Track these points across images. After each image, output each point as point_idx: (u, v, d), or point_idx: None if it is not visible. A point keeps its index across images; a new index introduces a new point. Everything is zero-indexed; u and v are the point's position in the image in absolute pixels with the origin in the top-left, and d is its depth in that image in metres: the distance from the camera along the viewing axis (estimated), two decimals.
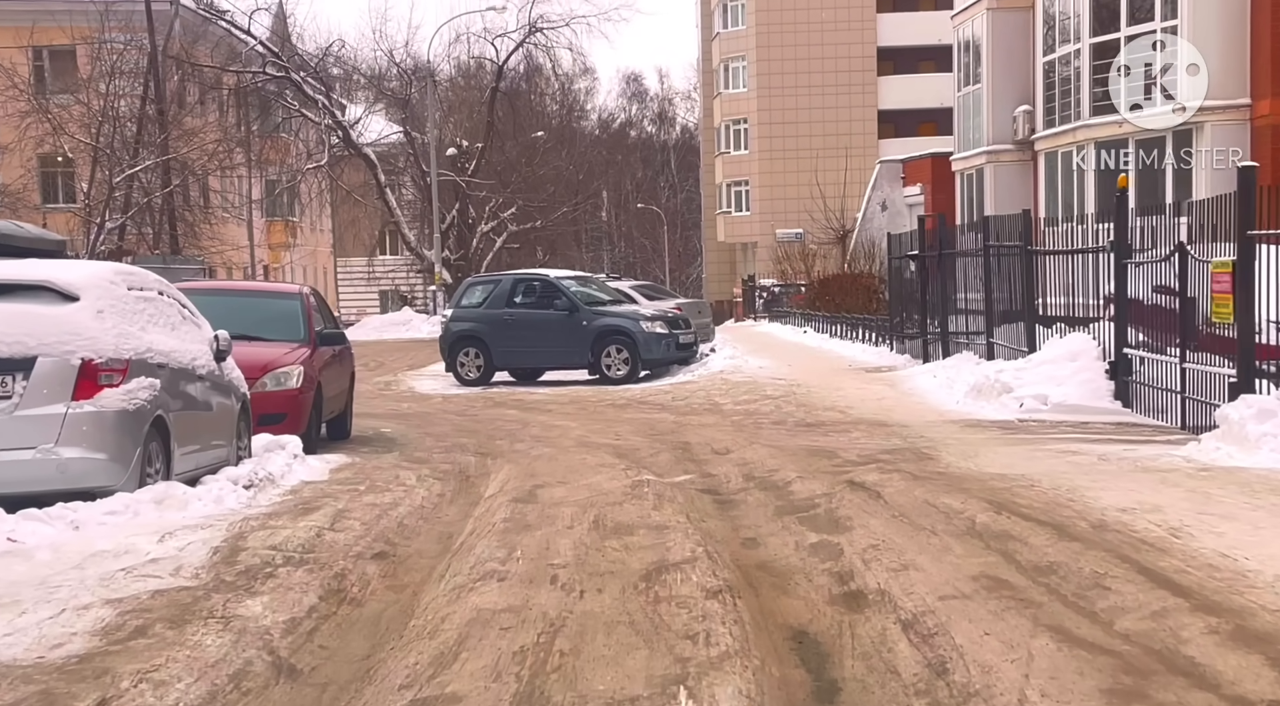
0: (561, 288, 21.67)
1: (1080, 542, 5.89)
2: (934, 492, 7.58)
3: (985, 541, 6.12)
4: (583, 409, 16.74)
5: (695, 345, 22.14)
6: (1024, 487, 7.57)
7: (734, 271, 70.84)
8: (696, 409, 15.68)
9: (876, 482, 8.27)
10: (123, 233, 39.61)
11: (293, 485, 8.93)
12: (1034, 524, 6.37)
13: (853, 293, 30.22)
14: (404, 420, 16.03)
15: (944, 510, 6.98)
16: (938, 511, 6.98)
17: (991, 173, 28.21)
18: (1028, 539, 6.03)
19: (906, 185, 42.76)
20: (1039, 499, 7.13)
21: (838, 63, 65.49)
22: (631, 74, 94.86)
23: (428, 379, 23.23)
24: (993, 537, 6.17)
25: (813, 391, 16.50)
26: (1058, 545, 5.84)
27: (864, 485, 8.28)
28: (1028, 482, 7.77)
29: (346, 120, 47.21)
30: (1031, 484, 7.69)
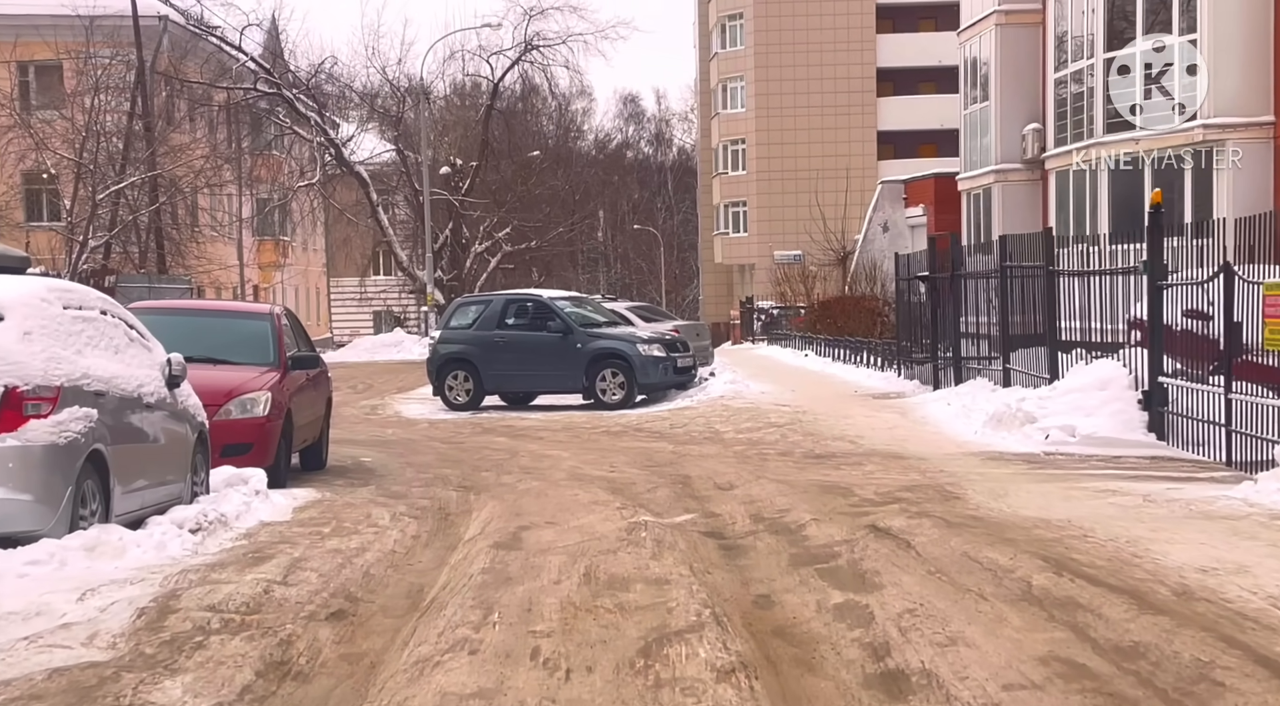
0: (555, 308, 20.79)
1: (1167, 616, 4.97)
2: (973, 543, 6.66)
3: (1048, 611, 5.19)
4: (576, 436, 15.83)
5: (694, 369, 21.25)
6: (1076, 538, 6.65)
7: (731, 293, 70.02)
8: (696, 438, 14.77)
9: (904, 529, 7.35)
10: (108, 252, 38.72)
11: (249, 527, 8.00)
12: (1103, 589, 5.45)
13: (856, 315, 29.35)
14: (386, 448, 15.12)
15: (989, 566, 6.06)
16: (981, 568, 6.06)
17: (1000, 192, 27.36)
18: (1100, 609, 5.11)
19: (909, 206, 41.93)
20: (1099, 553, 6.22)
21: (837, 83, 64.86)
22: (629, 95, 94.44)
23: (415, 403, 22.32)
24: (1056, 606, 5.25)
25: (819, 419, 15.59)
26: (1140, 619, 4.92)
27: (889, 531, 7.37)
28: (1079, 531, 6.86)
29: (339, 138, 46.40)
30: (1084, 533, 6.78)
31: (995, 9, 26.77)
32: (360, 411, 21.49)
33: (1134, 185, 21.64)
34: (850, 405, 17.31)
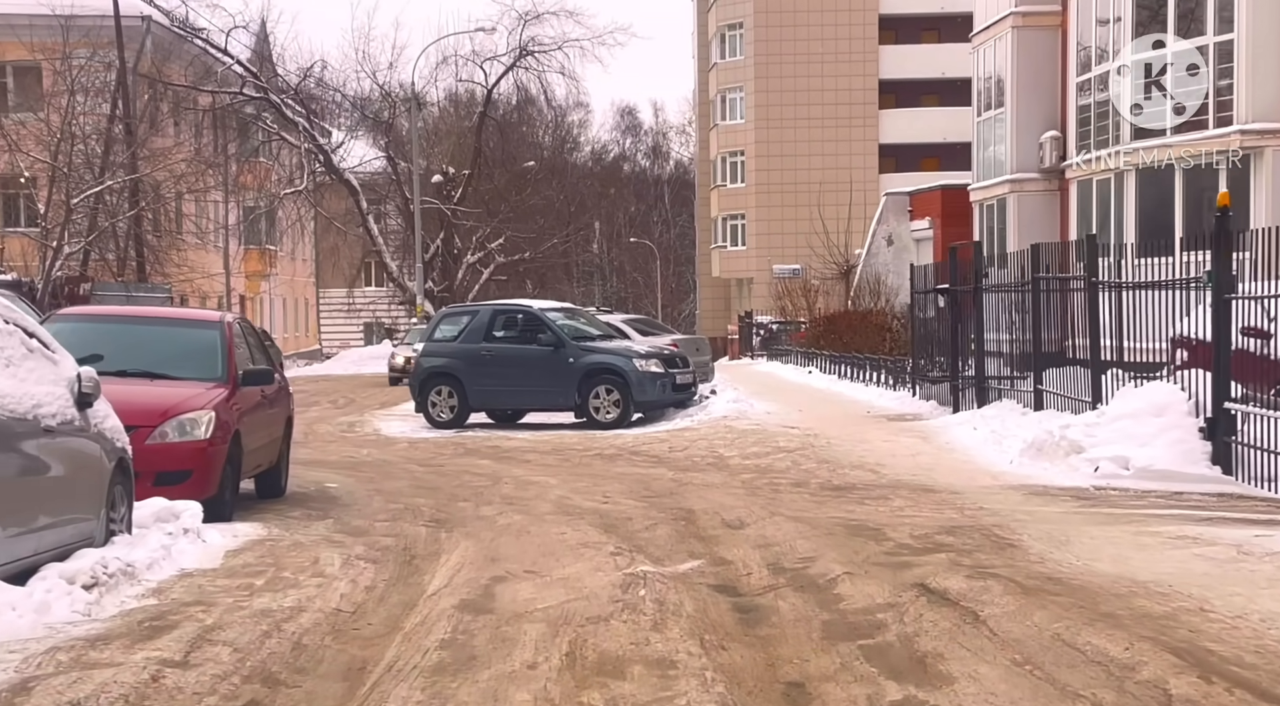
0: (545, 320, 19.44)
1: None
2: (1062, 618, 5.29)
3: None
4: (566, 460, 14.46)
5: (694, 386, 19.90)
6: (1194, 613, 5.29)
7: (729, 307, 68.72)
8: (698, 463, 13.40)
9: (964, 593, 5.98)
10: (86, 259, 37.38)
11: (162, 579, 6.62)
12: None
13: (863, 331, 28.01)
14: (357, 471, 13.74)
15: (1097, 657, 4.69)
16: (1087, 660, 4.69)
17: (1015, 203, 26.06)
18: None
19: (914, 219, 40.65)
20: (1237, 640, 4.85)
21: (838, 95, 63.69)
22: (626, 107, 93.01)
23: (397, 420, 20.95)
24: None
25: (833, 444, 14.22)
26: None
27: (946, 595, 6.01)
28: (1190, 602, 5.50)
29: (328, 144, 44.99)
30: (1199, 605, 5.42)
31: (1012, 10, 25.50)
32: (337, 428, 20.14)
33: (1163, 194, 20.35)
34: (864, 428, 15.94)
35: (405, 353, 31.05)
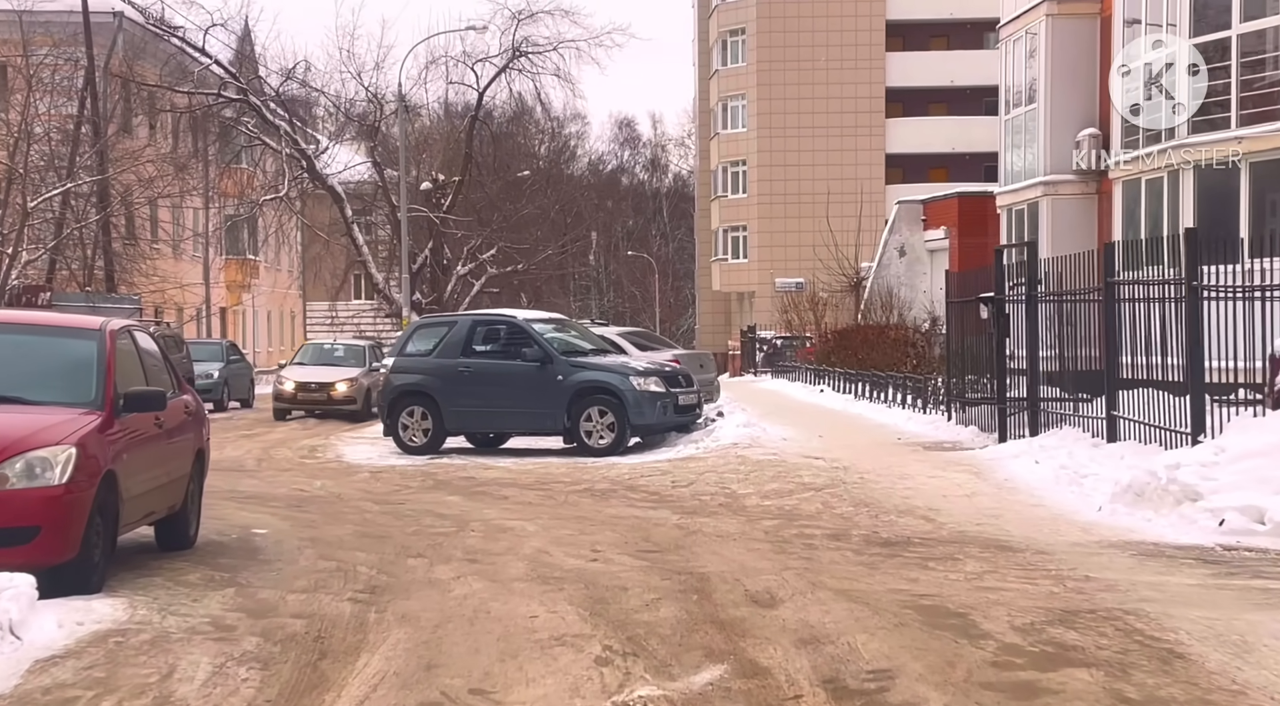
0: (532, 333, 17.16)
1: None
2: None
3: None
4: (549, 496, 12.17)
5: (699, 407, 17.62)
6: None
7: (729, 322, 66.54)
8: (708, 504, 11.10)
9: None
10: (52, 268, 35.09)
11: None
12: None
13: (880, 346, 25.74)
14: (300, 511, 11.46)
15: None
16: None
17: (1048, 208, 23.83)
18: None
19: (928, 228, 38.45)
20: None
21: (843, 103, 61.58)
22: (624, 119, 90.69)
23: (365, 444, 18.66)
24: None
25: (868, 479, 11.93)
26: None
27: None
28: None
29: (312, 150, 42.64)
30: None
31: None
32: (297, 454, 17.85)
33: (1228, 194, 18.10)
34: (901, 459, 13.64)
35: (299, 376, 24.89)
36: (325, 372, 24.89)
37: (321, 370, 25.01)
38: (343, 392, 24.42)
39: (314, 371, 25.02)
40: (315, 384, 24.48)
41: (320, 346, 28.01)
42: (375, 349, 26.26)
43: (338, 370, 25.05)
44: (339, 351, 26.70)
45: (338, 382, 24.51)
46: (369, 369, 24.25)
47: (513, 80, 44.44)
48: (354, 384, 24.26)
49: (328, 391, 24.35)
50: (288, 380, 25.01)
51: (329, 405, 24.30)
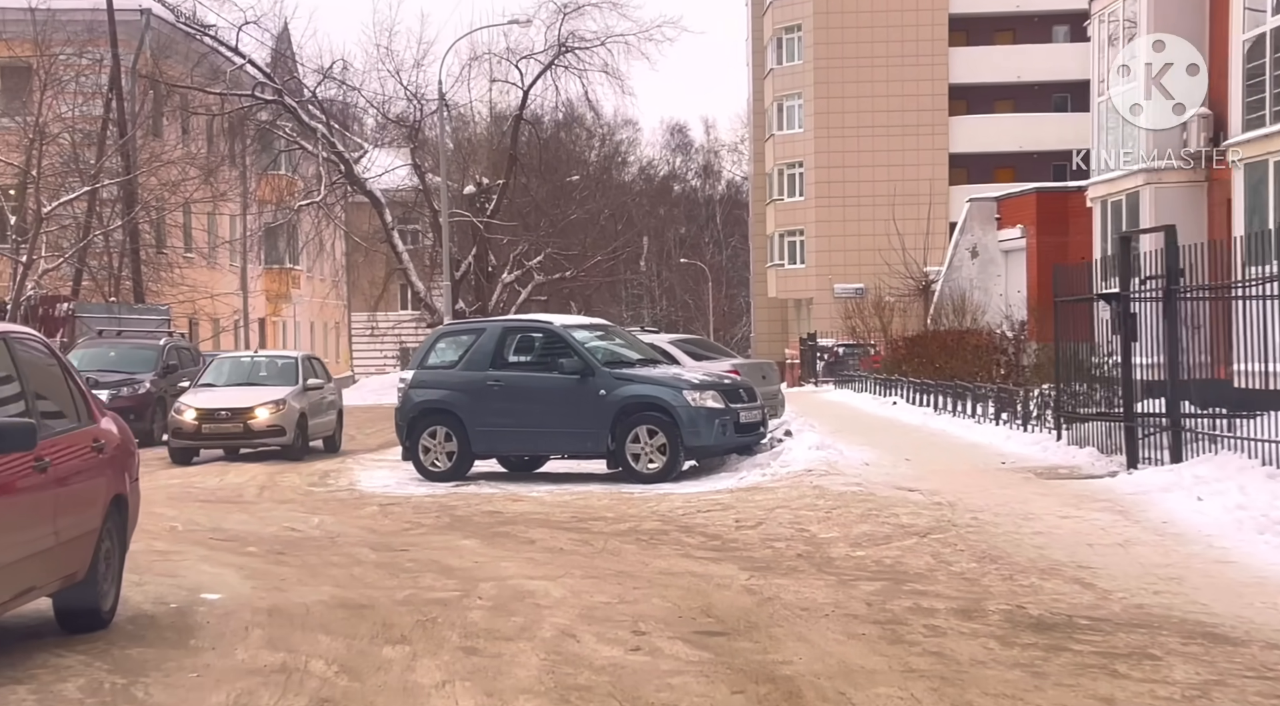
0: (570, 341, 14.89)
1: None
2: None
3: None
4: (586, 540, 9.87)
5: (763, 426, 15.25)
6: None
7: (786, 330, 64.07)
8: (783, 555, 8.76)
9: None
10: (78, 278, 33.32)
11: None
12: None
13: (959, 353, 23.26)
14: (277, 562, 9.27)
15: None
16: None
17: (1150, 198, 21.24)
18: None
19: (1002, 227, 35.87)
20: None
21: (904, 101, 59.03)
22: (676, 125, 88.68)
23: (385, 469, 16.46)
24: None
25: (984, 521, 9.53)
26: None
27: None
28: None
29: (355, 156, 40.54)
30: None
31: None
32: (305, 480, 15.67)
33: None
34: (1016, 491, 11.20)
35: (203, 402, 18.18)
36: (240, 396, 18.46)
37: (235, 392, 18.64)
38: (265, 421, 18.05)
39: (224, 395, 18.50)
40: (226, 411, 17.98)
41: (236, 361, 20.82)
42: (312, 362, 20.59)
43: (258, 391, 18.64)
44: (261, 367, 20.12)
45: (257, 408, 18.05)
46: (302, 388, 18.87)
47: (558, 78, 42.27)
48: (280, 409, 18.15)
49: (244, 420, 17.99)
50: (187, 408, 18.08)
51: (247, 439, 18.24)
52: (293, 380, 19.12)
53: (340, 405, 21.01)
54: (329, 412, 20.07)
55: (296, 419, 18.34)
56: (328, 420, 19.95)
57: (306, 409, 18.78)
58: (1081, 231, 31.91)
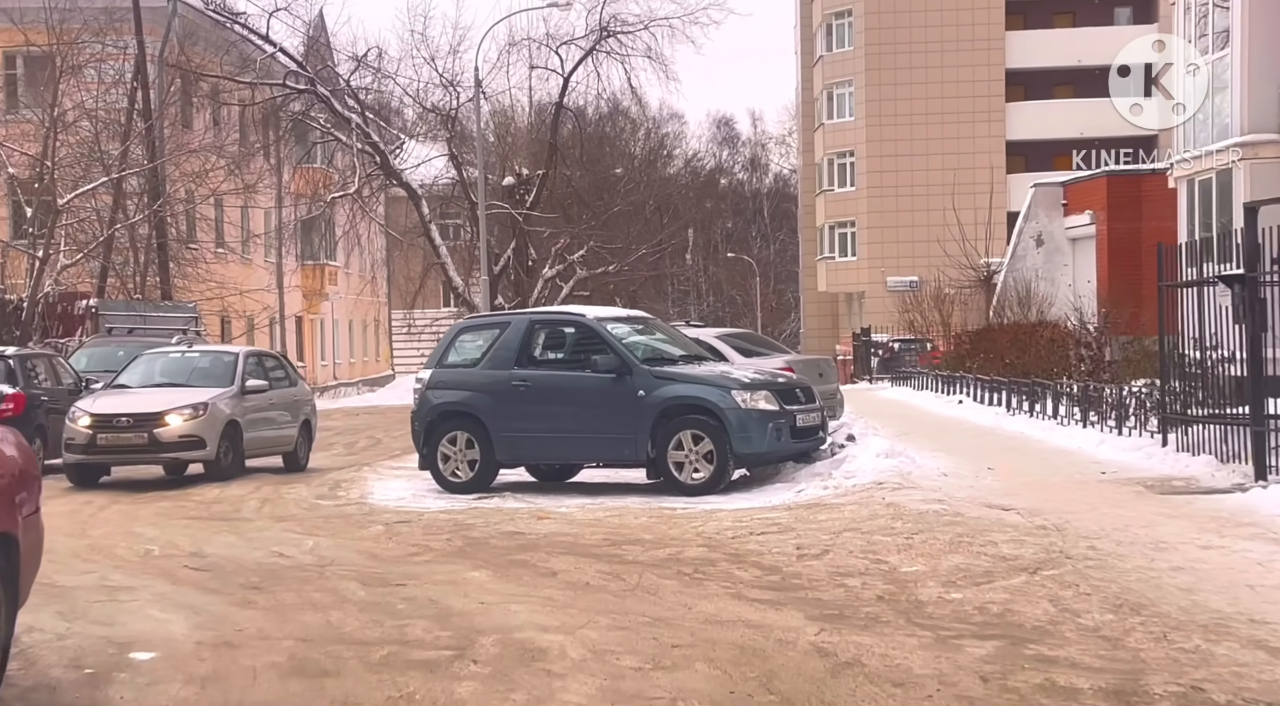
0: (605, 336, 13.25)
1: None
2: None
3: None
4: (617, 573, 8.19)
5: (822, 430, 13.53)
6: None
7: (836, 325, 62.19)
8: (860, 596, 7.05)
9: None
10: (104, 274, 32.08)
11: None
12: None
13: (1032, 347, 21.39)
14: (243, 603, 7.70)
15: None
16: None
17: (1246, 175, 19.36)
18: None
19: (1069, 213, 33.91)
20: None
21: (959, 87, 57.07)
22: (722, 117, 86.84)
23: (401, 479, 14.90)
24: None
25: (1104, 551, 7.77)
26: None
27: None
28: None
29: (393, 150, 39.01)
30: None
31: None
32: (313, 492, 14.12)
33: None
34: (1134, 510, 9.39)
35: (101, 407, 15.02)
36: (151, 399, 15.15)
37: (147, 396, 15.37)
38: (177, 431, 14.71)
39: (133, 398, 15.31)
40: (127, 418, 14.69)
41: (162, 358, 17.00)
42: (262, 360, 17.21)
43: (176, 394, 15.29)
44: (193, 365, 16.50)
45: (168, 414, 14.72)
46: (238, 391, 15.59)
47: (600, 64, 40.66)
48: (198, 416, 14.84)
49: (150, 429, 14.64)
50: (82, 415, 14.86)
51: (152, 452, 14.86)
52: (226, 381, 15.72)
53: (309, 414, 17.39)
54: (284, 424, 16.57)
55: (222, 428, 15.00)
56: (281, 433, 16.49)
57: (241, 417, 15.43)
58: (1156, 216, 29.86)
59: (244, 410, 15.63)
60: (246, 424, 15.60)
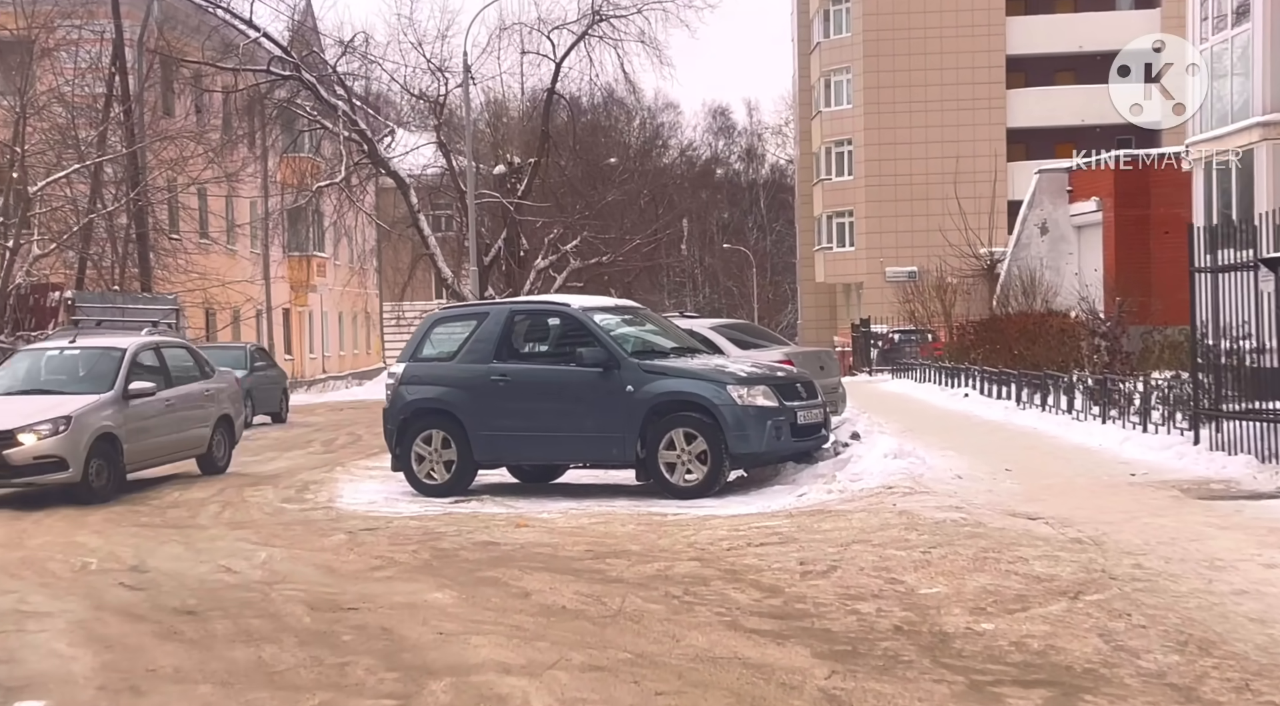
0: (591, 327, 12.28)
1: None
2: None
3: None
4: (598, 597, 7.21)
5: (825, 427, 12.56)
6: None
7: (834, 316, 61.23)
8: (874, 625, 6.09)
9: None
10: (83, 265, 31.08)
11: None
12: None
13: (1042, 338, 20.45)
14: (181, 623, 6.86)
15: None
16: None
17: (1268, 155, 18.42)
18: None
19: (1074, 200, 33.01)
20: None
21: (959, 73, 56.06)
22: (718, 107, 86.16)
23: (374, 481, 13.92)
24: None
25: (1152, 570, 6.81)
26: None
27: None
28: None
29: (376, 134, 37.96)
30: None
31: None
32: (279, 495, 13.16)
33: None
34: (1176, 519, 8.42)
35: None
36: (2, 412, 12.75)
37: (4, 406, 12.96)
38: (32, 451, 12.41)
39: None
40: None
41: (37, 357, 14.50)
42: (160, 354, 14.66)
43: (36, 404, 13.00)
44: (70, 364, 14.16)
45: (21, 432, 12.43)
46: (118, 397, 13.29)
47: (592, 49, 39.63)
48: (60, 432, 12.50)
49: None
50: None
51: (2, 477, 12.53)
52: (107, 384, 13.37)
53: (229, 409, 15.51)
54: (191, 424, 14.55)
55: (90, 444, 12.60)
56: (186, 435, 14.46)
57: (120, 427, 13.09)
58: (1166, 203, 28.94)
59: (125, 418, 13.25)
60: (130, 433, 13.24)
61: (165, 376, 14.36)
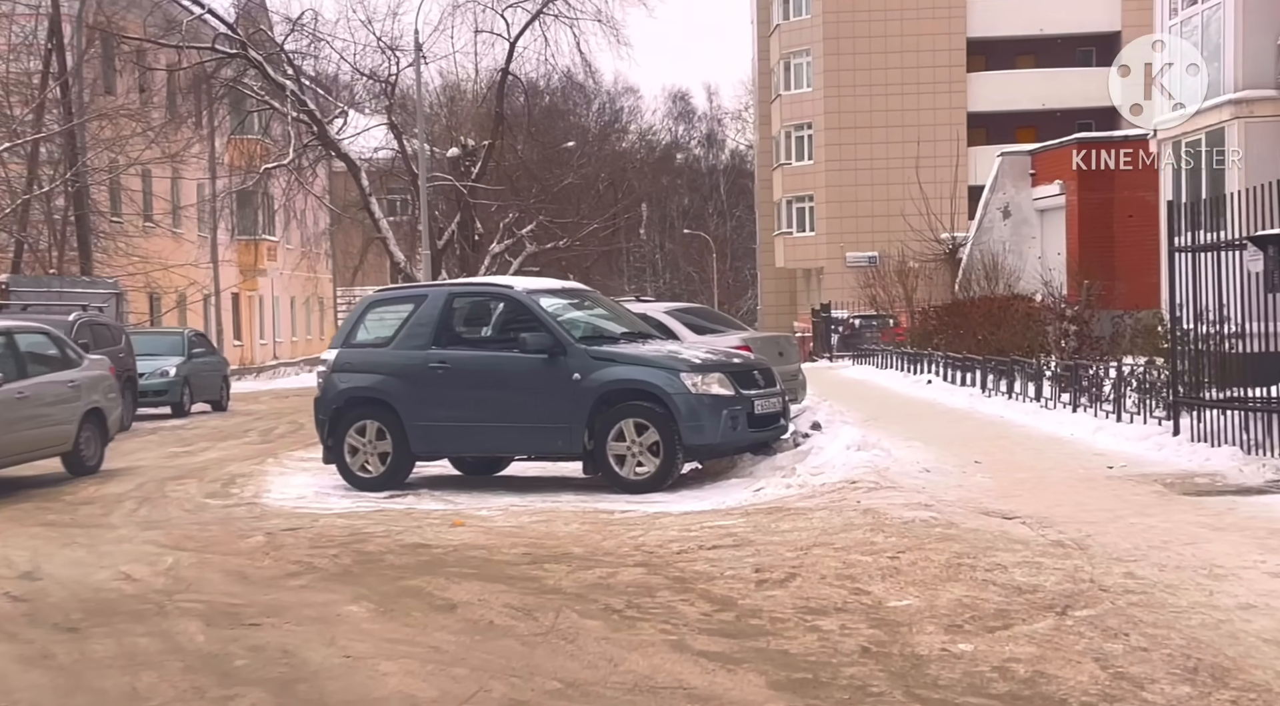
0: (536, 310, 11.51)
1: None
2: None
3: None
4: (530, 611, 6.44)
5: (784, 417, 11.85)
6: None
7: (794, 302, 60.67)
8: (838, 646, 5.36)
9: None
10: (19, 248, 30.01)
11: None
12: None
13: (1007, 322, 19.84)
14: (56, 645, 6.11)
15: None
16: None
17: (1239, 134, 17.83)
18: None
19: (1037, 183, 32.48)
20: None
21: (919, 56, 55.57)
22: (678, 92, 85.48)
23: (306, 474, 13.09)
24: None
25: (1146, 580, 6.11)
26: None
27: None
28: None
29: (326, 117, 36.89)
30: None
31: None
32: (203, 489, 12.32)
33: None
34: (1164, 518, 7.74)
35: None
36: None
37: None
38: None
39: None
40: None
41: None
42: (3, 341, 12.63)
43: None
44: None
45: None
46: None
47: (548, 28, 38.73)
48: None
49: None
50: None
51: None
52: None
53: (100, 401, 13.77)
54: (51, 420, 12.84)
55: None
56: (44, 432, 12.70)
57: None
58: (1129, 186, 28.47)
59: None
60: None
61: (16, 365, 12.52)
